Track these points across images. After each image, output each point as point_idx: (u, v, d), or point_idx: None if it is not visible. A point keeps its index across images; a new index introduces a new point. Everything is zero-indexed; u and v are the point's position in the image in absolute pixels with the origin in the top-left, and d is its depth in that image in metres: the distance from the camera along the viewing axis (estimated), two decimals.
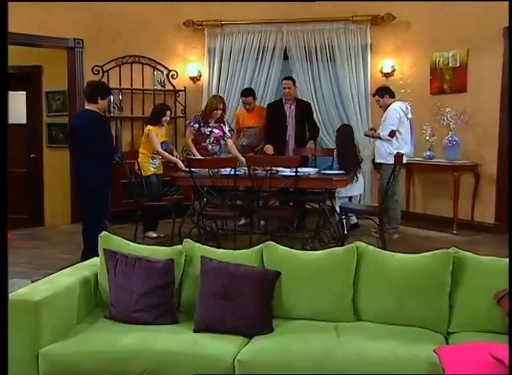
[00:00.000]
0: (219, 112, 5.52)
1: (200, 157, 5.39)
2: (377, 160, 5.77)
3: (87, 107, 4.58)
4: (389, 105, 5.62)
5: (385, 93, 5.71)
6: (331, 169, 5.51)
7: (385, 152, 5.59)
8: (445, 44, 6.27)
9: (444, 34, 6.28)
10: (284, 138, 5.97)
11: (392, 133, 5.55)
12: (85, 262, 2.98)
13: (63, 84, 6.66)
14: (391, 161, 5.43)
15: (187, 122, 5.80)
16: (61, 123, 6.95)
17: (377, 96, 5.80)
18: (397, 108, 5.59)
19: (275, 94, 7.04)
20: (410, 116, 5.70)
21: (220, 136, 5.65)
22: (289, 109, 6.00)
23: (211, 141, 5.63)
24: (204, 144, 5.62)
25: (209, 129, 5.58)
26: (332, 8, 6.71)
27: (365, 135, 6.18)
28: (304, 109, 6.04)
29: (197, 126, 5.59)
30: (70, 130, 4.77)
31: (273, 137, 5.90)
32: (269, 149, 5.79)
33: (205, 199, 5.12)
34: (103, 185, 4.55)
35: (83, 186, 4.55)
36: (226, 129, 5.68)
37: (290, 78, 6.09)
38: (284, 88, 5.96)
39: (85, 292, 2.69)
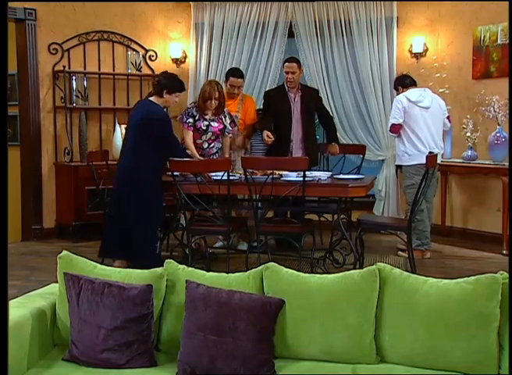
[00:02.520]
0: (214, 102, 5.46)
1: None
2: (396, 162, 5.96)
3: (150, 98, 4.94)
4: None
5: (397, 84, 5.92)
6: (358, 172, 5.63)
7: (399, 152, 5.78)
8: (492, 15, 6.31)
9: (491, 3, 6.29)
10: (287, 137, 5.91)
11: (394, 129, 5.70)
12: (39, 291, 2.97)
13: (11, 66, 6.66)
14: (410, 161, 5.56)
15: (179, 117, 5.66)
16: (9, 115, 6.96)
17: (395, 91, 6.04)
18: (401, 97, 5.72)
19: (277, 80, 7.08)
20: (427, 104, 5.68)
21: (220, 130, 5.63)
22: (294, 101, 5.93)
23: (208, 137, 5.60)
24: (199, 141, 5.58)
25: (205, 123, 5.54)
26: None
27: None
28: (311, 99, 5.99)
29: (191, 120, 5.51)
30: (128, 120, 5.24)
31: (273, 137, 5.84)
32: (264, 134, 5.74)
33: (193, 211, 5.13)
34: (159, 188, 4.94)
35: (133, 184, 4.85)
36: (227, 122, 5.66)
37: (294, 60, 6.00)
38: (287, 73, 5.87)
39: (39, 328, 2.68)
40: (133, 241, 4.86)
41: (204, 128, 5.54)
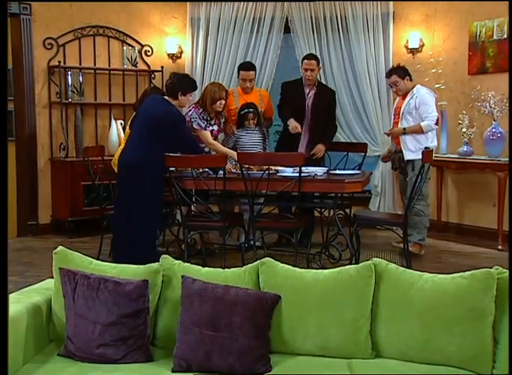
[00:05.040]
0: (223, 102, 5.37)
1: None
2: (408, 157, 5.62)
3: (166, 97, 4.96)
4: (409, 90, 5.61)
5: (406, 73, 5.66)
6: (359, 168, 5.59)
7: (418, 146, 5.53)
8: (488, 10, 6.30)
9: None
10: (297, 133, 5.81)
11: (438, 121, 5.60)
12: (35, 286, 2.98)
13: None
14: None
15: (195, 124, 5.35)
16: None
17: (395, 76, 5.65)
18: (429, 91, 5.64)
19: (273, 76, 7.08)
20: None
21: (218, 132, 5.60)
22: (308, 97, 5.86)
23: None
24: (202, 145, 5.43)
25: (211, 128, 5.45)
26: None
27: (392, 135, 5.87)
28: (324, 98, 5.86)
29: (203, 125, 5.38)
30: (136, 114, 5.17)
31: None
32: (293, 124, 5.69)
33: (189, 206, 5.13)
34: (162, 186, 4.93)
35: (138, 181, 4.80)
36: (222, 121, 5.64)
37: (314, 57, 5.90)
38: (306, 70, 5.76)
39: (35, 323, 2.68)
40: (136, 239, 4.83)
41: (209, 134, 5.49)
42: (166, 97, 4.96)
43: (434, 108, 5.58)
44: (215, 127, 5.51)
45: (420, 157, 5.43)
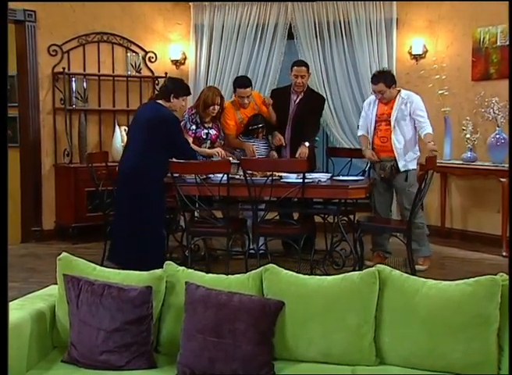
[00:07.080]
0: (216, 108, 5.43)
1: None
2: (404, 168, 5.33)
3: (158, 101, 5.01)
4: (395, 97, 5.32)
5: (392, 82, 5.29)
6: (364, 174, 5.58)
7: (412, 156, 5.39)
8: (492, 16, 6.30)
9: (490, 4, 6.27)
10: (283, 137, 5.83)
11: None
12: (39, 292, 2.98)
13: (11, 68, 6.66)
14: (416, 164, 5.42)
15: (182, 123, 5.47)
16: (8, 117, 6.96)
17: (382, 85, 5.23)
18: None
19: (276, 82, 7.08)
20: None
21: (217, 137, 5.61)
22: (294, 102, 5.84)
23: (208, 146, 5.56)
24: (199, 150, 5.49)
25: (205, 131, 5.50)
26: None
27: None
28: (311, 103, 5.81)
29: (194, 127, 5.46)
30: (133, 120, 5.25)
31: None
32: (277, 136, 5.68)
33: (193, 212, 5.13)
34: (163, 188, 4.96)
35: (141, 185, 4.83)
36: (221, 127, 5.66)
37: (304, 63, 5.87)
38: (296, 77, 5.69)
39: (38, 330, 2.68)
40: (141, 241, 4.84)
41: (204, 137, 5.51)
42: (159, 100, 4.99)
43: (427, 114, 5.37)
44: (212, 131, 5.55)
45: (414, 167, 5.41)
